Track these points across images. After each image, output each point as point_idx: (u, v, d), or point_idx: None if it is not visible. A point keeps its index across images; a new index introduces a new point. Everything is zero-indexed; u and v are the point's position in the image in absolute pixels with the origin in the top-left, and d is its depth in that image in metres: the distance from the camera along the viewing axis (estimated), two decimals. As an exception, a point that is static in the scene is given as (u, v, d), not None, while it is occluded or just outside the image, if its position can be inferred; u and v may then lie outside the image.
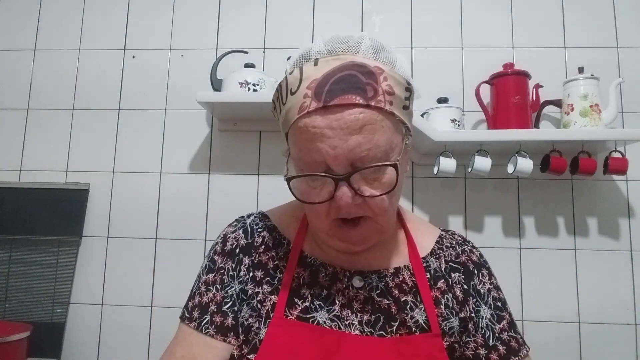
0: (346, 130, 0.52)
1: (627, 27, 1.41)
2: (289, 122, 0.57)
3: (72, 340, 1.36)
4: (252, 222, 0.71)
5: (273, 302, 0.62)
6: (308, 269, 0.65)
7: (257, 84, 1.28)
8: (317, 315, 0.61)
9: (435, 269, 0.67)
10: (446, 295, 0.65)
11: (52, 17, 1.53)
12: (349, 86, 0.53)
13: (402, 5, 1.47)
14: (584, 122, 1.24)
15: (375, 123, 0.53)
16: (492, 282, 0.69)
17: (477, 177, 1.37)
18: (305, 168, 0.57)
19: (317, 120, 0.53)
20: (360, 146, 0.53)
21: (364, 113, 0.53)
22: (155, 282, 1.39)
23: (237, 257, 0.67)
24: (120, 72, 1.49)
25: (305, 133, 0.54)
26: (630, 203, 1.35)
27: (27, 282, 1.37)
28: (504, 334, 0.65)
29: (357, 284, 0.63)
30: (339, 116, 0.53)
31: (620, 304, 1.31)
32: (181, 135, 1.45)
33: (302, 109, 0.54)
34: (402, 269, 0.66)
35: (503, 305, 0.68)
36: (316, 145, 0.54)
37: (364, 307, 0.62)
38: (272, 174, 1.42)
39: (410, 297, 0.63)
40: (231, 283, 0.65)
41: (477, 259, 0.70)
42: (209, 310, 0.64)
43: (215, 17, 1.50)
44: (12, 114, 1.49)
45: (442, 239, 0.72)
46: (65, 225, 1.40)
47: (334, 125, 0.53)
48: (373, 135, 0.53)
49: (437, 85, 1.41)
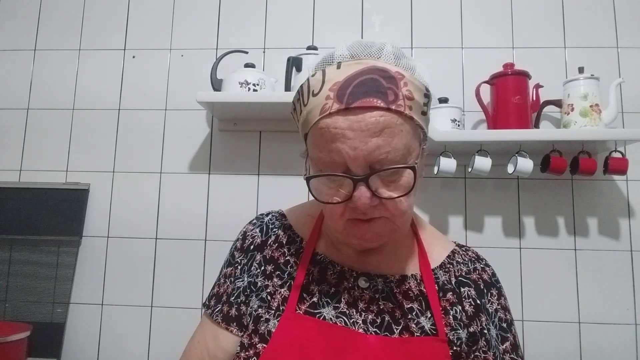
0: (367, 133, 0.54)
1: (627, 27, 1.41)
2: (310, 123, 0.58)
3: (72, 340, 1.36)
4: (268, 221, 0.74)
5: (284, 296, 0.64)
6: (318, 266, 0.67)
7: (257, 84, 1.28)
8: (324, 311, 0.63)
9: (443, 282, 0.67)
10: (455, 307, 0.65)
11: (52, 17, 1.53)
12: (370, 89, 0.54)
13: (402, 5, 1.48)
14: (584, 122, 1.23)
15: (394, 127, 0.55)
16: (501, 303, 0.69)
17: (477, 177, 1.37)
18: (324, 168, 0.58)
19: (338, 121, 0.54)
20: (379, 148, 0.54)
21: (384, 116, 0.54)
22: (155, 282, 1.39)
23: (251, 253, 0.71)
24: (120, 72, 1.50)
25: (326, 134, 0.55)
26: (630, 203, 1.35)
27: (27, 282, 1.37)
28: (506, 356, 0.66)
29: (363, 284, 0.65)
30: (360, 118, 0.54)
31: (620, 304, 1.31)
32: (181, 135, 1.45)
33: (323, 110, 0.56)
34: (409, 277, 0.66)
35: (508, 326, 0.68)
36: (337, 146, 0.55)
37: (368, 307, 0.63)
38: (272, 174, 1.42)
39: (416, 304, 0.64)
40: (241, 276, 0.69)
41: (489, 278, 0.70)
42: (221, 300, 0.69)
43: (215, 17, 1.50)
44: (12, 114, 1.49)
45: (454, 253, 0.72)
46: (65, 225, 1.40)
47: (354, 127, 0.54)
48: (392, 139, 0.54)
49: (437, 85, 1.40)
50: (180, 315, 1.36)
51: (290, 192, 1.38)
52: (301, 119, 0.61)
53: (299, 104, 0.62)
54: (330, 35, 1.46)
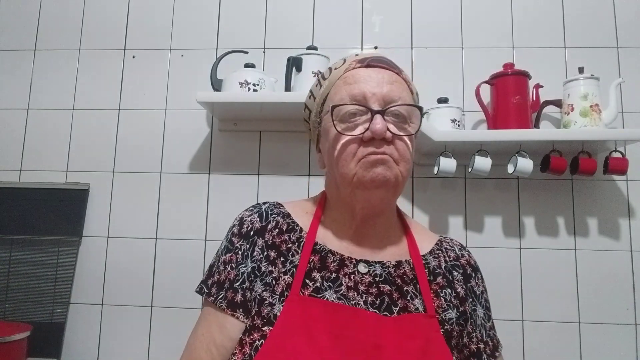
0: (382, 80, 0.68)
1: (627, 27, 1.41)
2: (333, 82, 0.71)
3: (72, 340, 1.36)
4: (267, 208, 0.77)
5: (287, 282, 0.68)
6: (318, 255, 0.71)
7: (257, 84, 1.28)
8: (327, 294, 0.67)
9: (434, 266, 0.73)
10: (445, 290, 0.71)
11: (52, 17, 1.53)
12: (384, 61, 0.71)
13: (402, 5, 1.48)
14: (584, 122, 1.24)
15: (403, 85, 0.70)
16: (484, 285, 0.78)
17: (477, 177, 1.37)
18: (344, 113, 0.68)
19: (360, 71, 0.70)
20: (393, 92, 0.68)
21: (395, 76, 0.70)
22: (155, 282, 1.39)
23: (251, 239, 0.73)
24: (120, 72, 1.50)
25: (350, 78, 0.69)
26: (630, 203, 1.35)
27: (27, 282, 1.37)
28: (490, 332, 0.74)
29: (362, 269, 0.70)
30: (378, 71, 0.69)
31: (620, 304, 1.31)
32: (181, 135, 1.45)
33: (347, 69, 0.70)
34: (403, 262, 0.72)
35: (490, 306, 0.77)
36: (359, 85, 0.68)
37: (368, 290, 0.68)
38: (272, 174, 1.42)
39: (411, 287, 0.70)
40: (245, 262, 0.71)
41: (474, 263, 0.78)
42: (224, 287, 0.70)
43: (215, 17, 1.50)
44: (12, 114, 1.49)
45: (441, 242, 0.79)
46: (65, 225, 1.40)
47: (373, 76, 0.69)
48: (402, 92, 0.69)
49: (437, 85, 1.41)
50: (180, 315, 1.36)
51: (290, 192, 1.38)
52: (321, 90, 0.73)
53: (318, 82, 0.75)
54: (330, 35, 1.46)
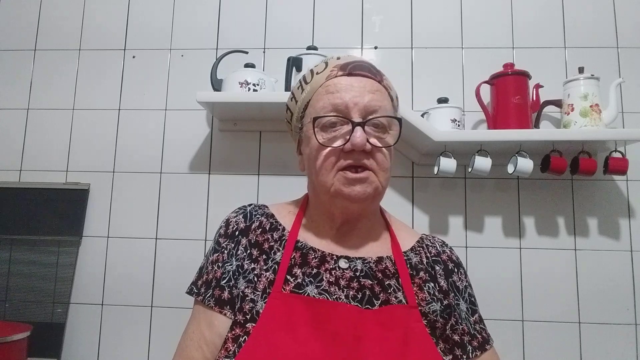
0: (364, 89, 0.69)
1: (627, 27, 1.41)
2: (315, 88, 0.72)
3: (72, 340, 1.36)
4: (251, 209, 0.79)
5: (270, 279, 0.70)
6: (300, 252, 0.73)
7: (257, 84, 1.28)
8: (308, 289, 0.69)
9: (416, 262, 0.75)
10: (428, 284, 0.73)
11: (52, 17, 1.53)
12: (365, 69, 0.72)
13: (402, 5, 1.48)
14: (584, 122, 1.24)
15: (384, 93, 0.72)
16: (467, 281, 0.79)
17: (477, 177, 1.37)
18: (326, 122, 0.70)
19: (342, 80, 0.70)
20: (374, 101, 0.69)
21: (376, 84, 0.71)
22: (155, 281, 1.39)
23: (236, 238, 0.75)
24: (120, 72, 1.50)
25: (332, 87, 0.70)
26: (630, 203, 1.35)
27: (27, 282, 1.37)
28: (476, 326, 0.75)
29: (343, 265, 0.71)
30: (359, 79, 0.70)
31: (620, 304, 1.31)
32: (181, 135, 1.45)
33: (329, 76, 0.71)
34: (385, 258, 0.74)
35: (475, 301, 0.79)
36: (340, 95, 0.69)
37: (349, 284, 0.70)
38: (272, 174, 1.42)
39: (393, 281, 0.71)
40: (230, 260, 0.73)
41: (456, 259, 0.80)
42: (211, 285, 0.72)
43: (215, 17, 1.50)
44: (12, 113, 1.49)
45: (422, 239, 0.80)
46: (65, 225, 1.40)
47: (355, 85, 0.69)
48: (382, 101, 0.70)
49: (437, 85, 1.41)
50: (180, 315, 1.36)
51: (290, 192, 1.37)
52: (303, 94, 0.73)
53: (300, 85, 0.75)
54: (330, 35, 1.46)
